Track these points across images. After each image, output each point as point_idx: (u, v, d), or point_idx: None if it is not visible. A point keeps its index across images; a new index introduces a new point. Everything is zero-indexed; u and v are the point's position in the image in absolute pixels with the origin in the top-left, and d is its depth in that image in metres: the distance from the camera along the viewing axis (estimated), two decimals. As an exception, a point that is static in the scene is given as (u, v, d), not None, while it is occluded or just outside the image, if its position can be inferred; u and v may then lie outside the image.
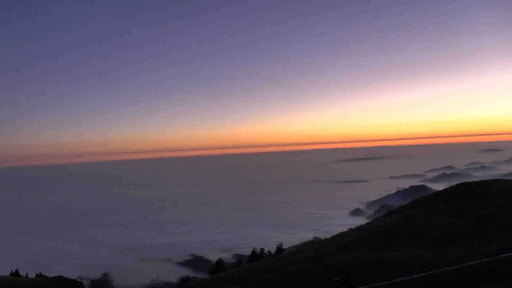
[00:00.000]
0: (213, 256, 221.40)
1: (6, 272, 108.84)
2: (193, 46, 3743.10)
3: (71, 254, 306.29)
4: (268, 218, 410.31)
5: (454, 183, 54.73)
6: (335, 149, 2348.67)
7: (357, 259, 27.26)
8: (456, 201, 39.42)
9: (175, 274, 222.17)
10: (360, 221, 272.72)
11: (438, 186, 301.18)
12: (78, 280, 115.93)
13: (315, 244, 37.31)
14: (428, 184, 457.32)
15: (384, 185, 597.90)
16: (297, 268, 27.85)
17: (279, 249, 51.60)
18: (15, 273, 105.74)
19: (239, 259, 60.70)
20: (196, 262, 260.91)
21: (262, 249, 53.59)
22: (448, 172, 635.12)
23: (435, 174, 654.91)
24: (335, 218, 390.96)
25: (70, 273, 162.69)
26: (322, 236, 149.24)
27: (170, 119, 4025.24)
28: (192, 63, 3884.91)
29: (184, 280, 54.69)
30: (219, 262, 54.96)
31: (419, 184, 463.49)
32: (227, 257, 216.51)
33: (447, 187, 52.54)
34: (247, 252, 61.90)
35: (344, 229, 43.82)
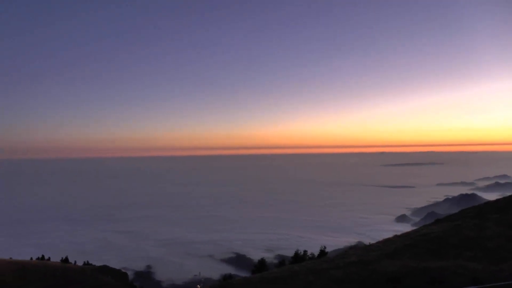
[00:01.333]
0: (255, 255, 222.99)
1: (57, 259, 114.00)
2: (224, 49, 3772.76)
3: (117, 245, 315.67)
4: (312, 220, 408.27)
5: (508, 193, 52.54)
6: (382, 153, 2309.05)
7: (403, 267, 26.61)
8: (510, 212, 37.69)
9: (217, 271, 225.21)
10: (405, 227, 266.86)
11: (490, 196, 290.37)
12: (123, 270, 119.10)
13: (360, 249, 36.66)
14: (479, 193, 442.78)
15: (432, 192, 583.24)
16: (341, 273, 27.46)
17: (322, 252, 51.17)
18: (65, 260, 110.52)
19: (282, 260, 60.62)
20: (239, 260, 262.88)
21: (305, 251, 53.32)
22: (501, 181, 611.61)
23: (487, 182, 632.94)
24: (380, 224, 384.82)
25: (115, 263, 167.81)
26: (367, 241, 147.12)
27: (215, 119, 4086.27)
28: (230, 66, 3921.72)
29: (226, 278, 55.04)
30: (262, 261, 55.07)
31: (469, 192, 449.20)
32: (269, 257, 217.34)
33: (500, 197, 50.41)
34: (289, 253, 61.84)
35: (389, 235, 42.93)
